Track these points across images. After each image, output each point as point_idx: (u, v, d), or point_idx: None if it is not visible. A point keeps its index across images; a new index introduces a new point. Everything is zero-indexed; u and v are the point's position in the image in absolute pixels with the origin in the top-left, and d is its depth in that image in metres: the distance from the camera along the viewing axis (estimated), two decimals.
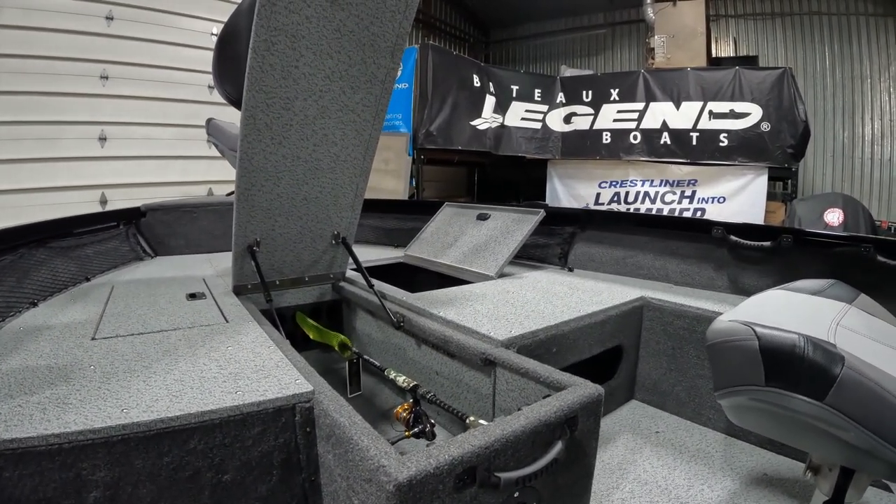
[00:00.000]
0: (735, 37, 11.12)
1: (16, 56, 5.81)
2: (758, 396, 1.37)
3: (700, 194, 8.92)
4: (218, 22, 7.26)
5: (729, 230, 2.58)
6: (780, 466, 1.96)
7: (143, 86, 6.76)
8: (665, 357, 2.38)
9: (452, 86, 8.87)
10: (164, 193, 6.26)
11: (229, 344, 1.73)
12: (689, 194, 9.01)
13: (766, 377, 1.33)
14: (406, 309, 2.30)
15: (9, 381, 1.41)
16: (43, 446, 1.12)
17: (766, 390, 1.34)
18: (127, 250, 3.42)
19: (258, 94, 1.98)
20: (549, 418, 1.24)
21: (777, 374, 1.32)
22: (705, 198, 8.88)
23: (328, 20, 1.98)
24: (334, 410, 1.27)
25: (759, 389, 1.35)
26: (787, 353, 1.29)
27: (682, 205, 9.06)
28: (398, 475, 0.98)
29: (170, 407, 1.26)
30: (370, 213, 2.64)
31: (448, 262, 3.13)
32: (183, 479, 1.24)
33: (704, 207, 8.88)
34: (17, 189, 5.87)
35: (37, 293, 2.34)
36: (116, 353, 1.64)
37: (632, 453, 2.06)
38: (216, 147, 2.79)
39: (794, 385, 1.29)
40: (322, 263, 2.67)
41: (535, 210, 3.09)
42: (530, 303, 2.32)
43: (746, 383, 1.38)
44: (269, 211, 2.31)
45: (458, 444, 1.09)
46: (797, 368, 1.27)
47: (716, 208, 8.78)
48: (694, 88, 8.73)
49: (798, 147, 8.24)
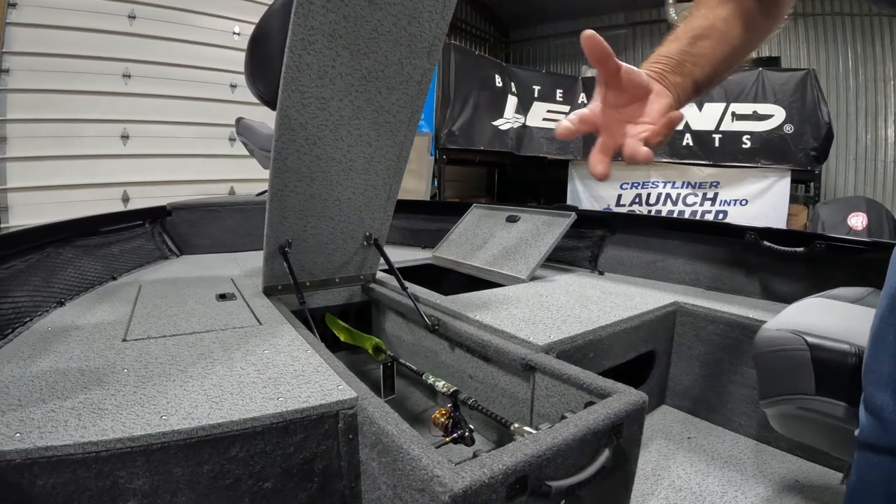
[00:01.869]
0: None
1: (42, 55, 5.85)
2: (806, 405, 1.37)
3: (722, 196, 8.83)
4: (240, 21, 7.33)
5: (762, 235, 2.55)
6: (811, 473, 1.94)
7: (165, 84, 6.76)
8: (697, 362, 2.35)
9: (474, 86, 8.84)
10: (186, 192, 6.29)
11: (265, 347, 1.71)
12: (711, 196, 8.92)
13: (817, 386, 1.33)
14: (440, 312, 2.27)
15: (40, 385, 1.40)
16: (79, 454, 1.09)
17: (816, 399, 1.34)
18: (152, 249, 3.43)
19: (294, 93, 1.96)
20: (597, 426, 1.22)
21: (828, 384, 1.32)
22: (727, 200, 8.79)
23: (366, 20, 1.95)
24: (380, 418, 1.24)
25: (809, 398, 1.36)
26: (839, 362, 1.29)
27: (704, 207, 8.97)
28: (453, 485, 0.96)
29: (210, 414, 1.23)
30: (396, 214, 2.62)
31: (478, 265, 3.11)
32: (223, 488, 1.22)
33: (726, 210, 8.79)
34: (42, 186, 5.90)
35: (63, 292, 2.33)
36: (150, 355, 1.62)
37: (665, 459, 2.04)
38: (246, 146, 2.78)
39: (844, 395, 1.28)
40: (353, 265, 2.65)
41: (566, 213, 3.06)
42: (565, 307, 2.29)
43: (796, 392, 1.38)
44: (301, 212, 2.29)
45: (510, 453, 1.07)
46: (848, 378, 1.26)
47: (738, 211, 8.69)
48: (716, 89, 8.60)
49: (821, 149, 8.14)
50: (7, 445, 1.07)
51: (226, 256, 3.52)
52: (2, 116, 5.68)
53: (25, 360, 1.58)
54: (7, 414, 1.21)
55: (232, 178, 7.27)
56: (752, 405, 2.16)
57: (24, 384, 1.40)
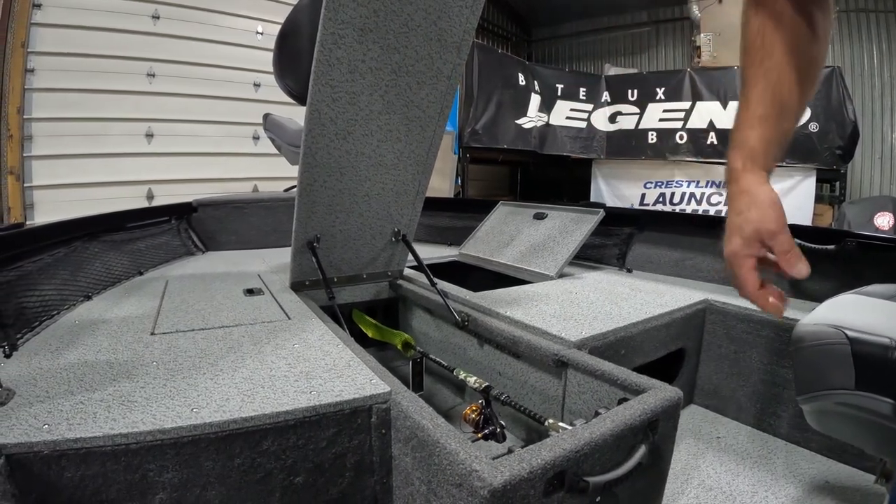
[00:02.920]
0: None
1: (67, 55, 5.92)
2: (845, 400, 1.34)
3: None
4: (263, 20, 7.37)
5: (792, 233, 2.51)
6: (841, 474, 1.90)
7: (188, 83, 6.82)
8: (727, 361, 2.31)
9: (498, 84, 8.81)
10: (209, 190, 6.31)
11: (295, 341, 1.71)
12: None
13: (857, 381, 1.31)
14: (469, 308, 2.26)
15: (68, 377, 1.40)
16: (109, 447, 1.09)
17: (856, 394, 1.32)
18: (178, 245, 3.46)
19: (324, 88, 1.95)
20: (633, 422, 1.21)
21: (868, 378, 1.29)
22: None
23: (396, 14, 1.95)
24: (415, 412, 1.23)
25: (848, 393, 1.33)
26: (881, 356, 1.26)
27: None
28: (493, 480, 0.95)
29: (242, 407, 1.23)
30: (422, 211, 2.61)
31: (505, 261, 3.10)
32: (253, 482, 1.21)
33: None
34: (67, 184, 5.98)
35: (90, 286, 2.35)
36: (178, 349, 1.63)
37: (695, 458, 2.01)
38: (273, 142, 2.79)
39: (885, 389, 1.26)
40: (380, 261, 2.65)
41: (595, 210, 3.04)
42: (595, 304, 2.27)
43: (835, 387, 1.36)
44: (330, 207, 2.29)
45: (548, 448, 1.06)
46: (890, 372, 1.24)
47: None
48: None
49: (847, 148, 8.02)
50: (35, 437, 1.07)
51: (251, 253, 3.54)
52: (27, 115, 5.75)
53: (53, 353, 1.59)
54: (35, 405, 1.22)
55: (255, 177, 7.31)
56: (782, 405, 2.12)
57: (51, 376, 1.40)
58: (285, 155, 2.68)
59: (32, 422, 1.13)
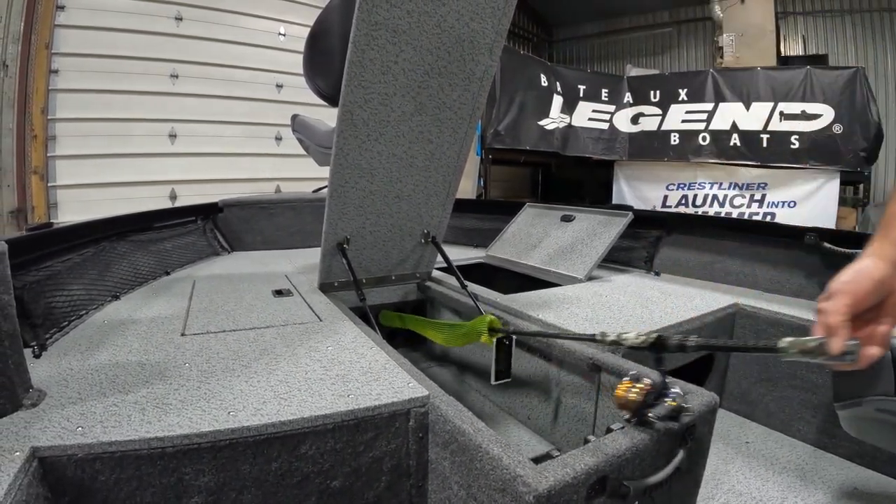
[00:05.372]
0: (804, 35, 10.75)
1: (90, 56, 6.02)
2: (885, 406, 1.35)
3: (770, 198, 8.67)
4: (285, 22, 7.43)
5: (822, 236, 2.48)
6: (870, 481, 1.87)
7: (211, 84, 6.89)
8: (756, 366, 2.28)
9: (520, 85, 8.82)
10: (231, 190, 6.36)
11: (328, 344, 1.70)
12: (759, 198, 8.76)
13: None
14: (500, 310, 2.24)
15: (100, 378, 1.39)
16: (144, 450, 1.08)
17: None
18: (204, 245, 3.48)
19: (357, 89, 1.95)
20: (673, 426, 1.20)
21: None
22: (775, 202, 8.62)
23: (429, 15, 1.93)
24: (455, 416, 1.22)
25: (888, 399, 1.34)
26: None
27: (752, 209, 8.82)
28: (537, 485, 0.95)
29: (280, 410, 1.22)
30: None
31: (533, 264, 3.08)
32: (290, 486, 1.21)
33: (774, 212, 8.62)
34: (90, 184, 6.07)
35: (118, 286, 2.36)
36: (210, 350, 1.62)
37: (724, 463, 1.98)
38: (301, 143, 2.78)
39: None
40: (409, 262, 2.64)
41: (623, 213, 3.02)
42: (626, 307, 2.25)
43: (875, 393, 1.36)
44: (361, 208, 2.29)
45: (591, 453, 1.06)
46: None
47: (786, 213, 8.51)
48: (764, 89, 8.49)
49: (871, 150, 7.96)
50: (69, 440, 1.07)
51: (277, 253, 3.55)
52: (52, 116, 5.83)
53: (83, 353, 1.59)
54: (67, 407, 1.21)
55: (278, 177, 7.35)
56: (811, 410, 2.10)
57: (83, 377, 1.40)
58: (313, 156, 2.68)
59: (66, 424, 1.13)
